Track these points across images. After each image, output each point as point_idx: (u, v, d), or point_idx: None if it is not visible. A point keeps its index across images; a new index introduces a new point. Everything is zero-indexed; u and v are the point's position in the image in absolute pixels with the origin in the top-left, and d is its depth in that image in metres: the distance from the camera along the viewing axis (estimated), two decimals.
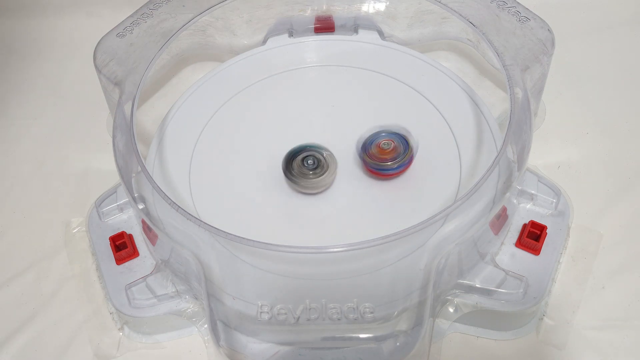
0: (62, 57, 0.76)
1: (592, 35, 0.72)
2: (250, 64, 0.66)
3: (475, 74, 0.68)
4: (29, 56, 0.77)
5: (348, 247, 0.44)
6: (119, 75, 0.57)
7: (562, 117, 0.65)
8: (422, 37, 0.68)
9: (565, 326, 0.51)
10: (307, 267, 0.50)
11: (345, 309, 0.47)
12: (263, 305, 0.47)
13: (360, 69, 0.64)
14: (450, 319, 0.51)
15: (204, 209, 0.54)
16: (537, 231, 0.53)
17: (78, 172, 0.65)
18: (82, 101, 0.71)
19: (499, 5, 0.58)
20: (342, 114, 0.60)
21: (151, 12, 0.61)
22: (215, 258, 0.49)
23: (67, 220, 0.60)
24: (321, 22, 0.67)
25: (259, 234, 0.46)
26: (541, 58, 0.55)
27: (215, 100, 0.62)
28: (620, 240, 0.56)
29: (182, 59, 0.69)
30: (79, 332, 0.54)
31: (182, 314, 0.51)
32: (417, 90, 0.61)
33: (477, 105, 0.59)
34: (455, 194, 0.54)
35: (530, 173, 0.56)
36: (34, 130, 0.69)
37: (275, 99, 0.62)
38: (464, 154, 0.56)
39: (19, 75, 0.75)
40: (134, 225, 0.57)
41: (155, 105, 0.68)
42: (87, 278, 0.56)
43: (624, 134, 0.63)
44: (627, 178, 0.60)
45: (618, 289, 0.53)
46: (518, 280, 0.50)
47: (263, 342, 0.47)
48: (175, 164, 0.58)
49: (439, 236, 0.49)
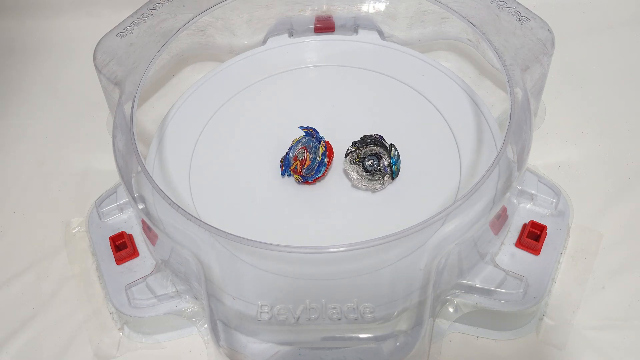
0: (62, 57, 0.76)
1: (592, 35, 0.72)
2: (250, 64, 0.66)
3: (475, 74, 0.68)
4: (29, 56, 0.77)
5: (348, 247, 0.44)
6: (119, 75, 0.57)
7: (562, 117, 0.65)
8: (422, 37, 0.68)
9: (565, 326, 0.51)
10: (307, 267, 0.50)
11: (345, 309, 0.47)
12: (263, 305, 0.47)
13: (360, 69, 0.64)
14: (450, 319, 0.51)
15: (204, 209, 0.54)
16: (537, 231, 0.53)
17: (78, 172, 0.65)
18: (82, 101, 0.71)
19: (499, 5, 0.58)
20: (342, 113, 0.60)
21: (151, 12, 0.61)
22: (215, 258, 0.49)
23: (67, 220, 0.60)
24: (321, 22, 0.67)
25: (259, 234, 0.46)
26: (541, 58, 0.55)
27: (215, 100, 0.62)
28: (620, 240, 0.56)
29: (182, 59, 0.69)
30: (79, 332, 0.54)
31: (182, 314, 0.51)
32: (417, 90, 0.61)
33: (477, 105, 0.59)
34: (455, 194, 0.53)
35: (530, 173, 0.56)
36: (34, 130, 0.69)
37: (275, 99, 0.62)
38: (464, 154, 0.56)
39: (19, 75, 0.75)
40: (134, 225, 0.57)
41: (155, 105, 0.68)
42: (87, 278, 0.56)
43: (624, 134, 0.63)
44: (627, 178, 0.60)
45: (618, 289, 0.53)
46: (518, 280, 0.50)
47: (263, 342, 0.47)
48: (175, 164, 0.58)
49: (439, 236, 0.49)
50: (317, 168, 0.54)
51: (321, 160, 0.54)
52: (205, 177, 0.57)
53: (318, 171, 0.54)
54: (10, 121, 0.71)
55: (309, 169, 0.53)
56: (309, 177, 0.54)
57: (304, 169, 0.54)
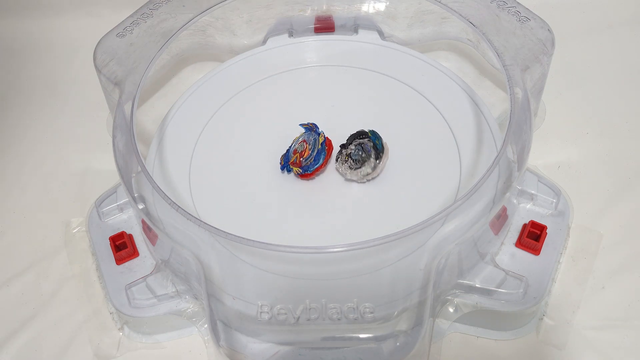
0: (62, 57, 0.76)
1: (592, 35, 0.72)
2: (250, 64, 0.66)
3: (475, 74, 0.68)
4: (29, 56, 0.77)
5: (348, 247, 0.44)
6: (119, 75, 0.57)
7: (562, 117, 0.65)
8: (422, 37, 0.68)
9: (565, 326, 0.51)
10: (307, 267, 0.50)
11: (345, 309, 0.47)
12: (263, 305, 0.47)
13: (360, 69, 0.64)
14: (450, 319, 0.51)
15: (204, 209, 0.54)
16: (537, 231, 0.53)
17: (78, 172, 0.65)
18: (82, 101, 0.71)
19: (499, 5, 0.58)
20: (342, 113, 0.60)
21: (151, 12, 0.61)
22: (215, 258, 0.49)
23: (67, 220, 0.60)
24: (321, 22, 0.67)
25: (259, 234, 0.46)
26: (541, 58, 0.55)
27: (215, 100, 0.62)
28: (620, 240, 0.56)
29: (182, 59, 0.69)
30: (79, 332, 0.54)
31: (182, 314, 0.51)
32: (417, 90, 0.61)
33: (477, 105, 0.59)
34: (455, 194, 0.54)
35: (530, 173, 0.56)
36: (34, 130, 0.69)
37: (275, 99, 0.62)
38: (464, 154, 0.56)
39: (19, 75, 0.75)
40: (134, 225, 0.57)
41: (155, 105, 0.68)
42: (87, 278, 0.56)
43: (624, 134, 0.63)
44: (627, 178, 0.60)
45: (618, 289, 0.53)
46: (518, 280, 0.50)
47: (263, 342, 0.47)
48: (175, 164, 0.58)
49: (439, 236, 0.49)
50: (316, 156, 0.53)
51: (320, 149, 0.53)
52: (205, 177, 0.57)
53: (317, 160, 0.54)
54: (10, 121, 0.71)
55: (308, 159, 0.53)
56: (308, 168, 0.54)
57: (303, 159, 0.53)
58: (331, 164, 0.56)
